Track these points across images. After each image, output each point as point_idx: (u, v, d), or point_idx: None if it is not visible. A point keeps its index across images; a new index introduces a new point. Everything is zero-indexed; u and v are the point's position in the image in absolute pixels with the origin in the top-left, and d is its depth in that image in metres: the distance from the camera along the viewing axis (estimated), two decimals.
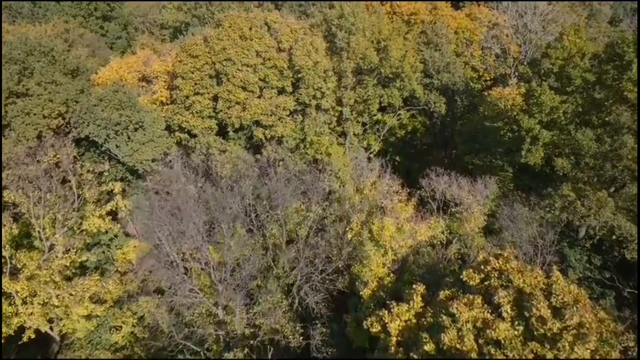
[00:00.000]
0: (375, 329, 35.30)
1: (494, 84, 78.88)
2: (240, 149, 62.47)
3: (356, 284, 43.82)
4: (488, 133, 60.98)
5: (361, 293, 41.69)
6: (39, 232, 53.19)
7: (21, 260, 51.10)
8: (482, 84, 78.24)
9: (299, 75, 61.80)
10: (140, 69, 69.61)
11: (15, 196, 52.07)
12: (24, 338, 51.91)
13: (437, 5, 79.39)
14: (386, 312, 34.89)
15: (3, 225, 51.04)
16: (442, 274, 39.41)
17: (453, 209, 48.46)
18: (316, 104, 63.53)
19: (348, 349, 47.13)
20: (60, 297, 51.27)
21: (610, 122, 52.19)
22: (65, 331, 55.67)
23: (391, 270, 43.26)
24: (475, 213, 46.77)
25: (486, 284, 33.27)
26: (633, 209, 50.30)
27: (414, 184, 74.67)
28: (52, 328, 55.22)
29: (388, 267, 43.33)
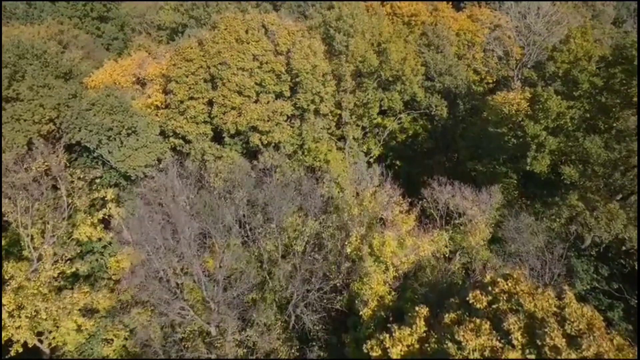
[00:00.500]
0: (376, 353, 32.72)
1: (496, 87, 76.47)
2: (237, 155, 59.91)
3: (356, 303, 41.22)
4: (492, 138, 58.41)
5: (361, 313, 39.09)
6: (27, 242, 50.72)
7: (8, 272, 48.70)
8: (485, 86, 75.62)
9: (296, 79, 59.22)
10: (134, 72, 66.94)
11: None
12: (11, 352, 49.40)
13: (438, 7, 76.77)
14: (387, 335, 32.33)
15: None
16: (446, 292, 36.84)
17: (457, 220, 45.79)
18: (314, 108, 60.98)
19: None
20: (48, 311, 48.71)
21: (618, 128, 49.70)
22: (55, 344, 53.14)
23: (392, 287, 40.70)
24: (480, 225, 44.17)
25: (494, 307, 30.72)
26: None
27: (414, 188, 72.02)
28: (41, 341, 52.67)
29: (389, 284, 40.76)
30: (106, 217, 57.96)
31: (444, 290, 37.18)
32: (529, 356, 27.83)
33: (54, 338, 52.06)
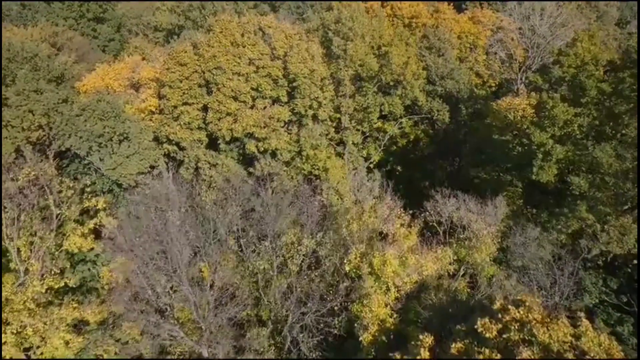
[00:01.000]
0: None
1: (499, 90, 73.87)
2: (232, 163, 57.17)
3: (355, 326, 38.54)
4: (496, 145, 55.68)
5: (361, 338, 36.43)
6: (14, 255, 48.08)
7: None
8: (487, 90, 72.88)
9: (294, 84, 56.45)
10: (128, 76, 64.25)
11: None
12: None
13: (439, 8, 74.00)
14: None
15: None
16: (452, 316, 34.15)
17: (461, 234, 43.06)
18: (313, 114, 58.22)
19: None
20: (34, 327, 46.09)
21: (629, 135, 47.00)
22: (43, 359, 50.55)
23: (394, 309, 38.00)
24: (486, 240, 41.47)
25: (505, 337, 28.06)
26: None
27: (416, 194, 69.47)
28: (28, 357, 50.05)
29: (390, 306, 38.07)
30: (97, 226, 55.28)
31: (449, 315, 34.50)
32: None
33: (42, 354, 49.43)
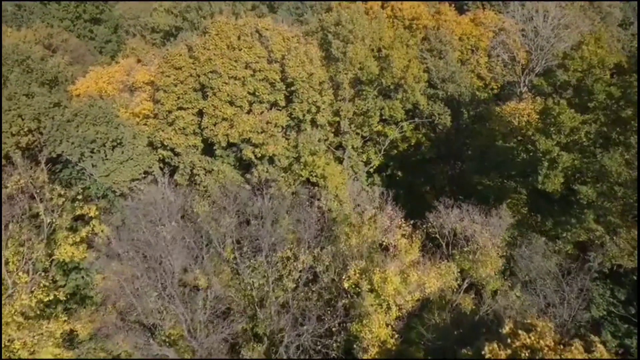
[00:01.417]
0: None
1: (501, 93, 71.71)
2: (229, 169, 55.02)
3: (355, 347, 36.38)
4: (499, 151, 53.50)
5: None
6: (2, 266, 46.05)
7: None
8: (489, 92, 70.67)
9: (292, 88, 54.30)
10: (122, 79, 62.01)
11: None
12: None
13: (440, 10, 71.74)
14: None
15: None
16: (457, 338, 32.04)
17: (465, 247, 40.85)
18: (311, 118, 56.07)
19: None
20: (21, 341, 44.02)
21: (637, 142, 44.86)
22: None
23: (395, 329, 35.85)
24: (491, 253, 39.29)
25: None
26: None
27: (417, 200, 67.55)
28: None
29: (392, 326, 35.92)
30: (90, 235, 53.17)
31: (453, 336, 32.37)
32: None
33: None
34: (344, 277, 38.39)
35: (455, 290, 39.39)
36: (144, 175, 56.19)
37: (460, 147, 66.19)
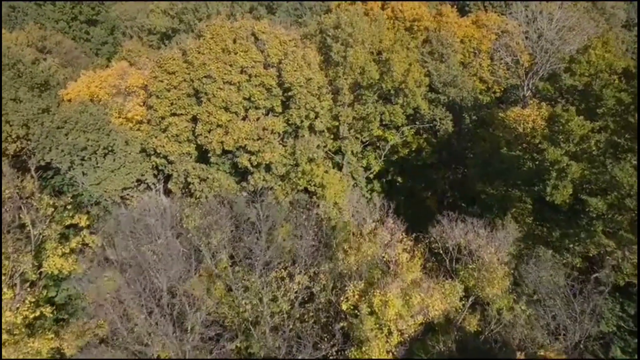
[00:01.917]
0: None
1: (504, 96, 69.13)
2: (224, 177, 52.49)
3: None
4: (504, 159, 50.88)
5: None
6: None
7: None
8: (492, 96, 68.06)
9: (289, 93, 51.79)
10: (115, 83, 59.34)
11: None
12: None
13: (442, 12, 69.06)
14: None
15: None
16: None
17: (470, 263, 38.29)
18: (309, 124, 53.55)
19: None
20: None
21: None
22: None
23: (397, 357, 33.38)
24: (498, 273, 36.76)
25: None
26: None
27: (417, 206, 65.08)
28: None
29: (393, 353, 33.47)
30: (80, 245, 50.78)
31: None
32: None
33: None
34: (342, 298, 35.96)
35: (459, 310, 36.92)
36: (136, 184, 53.77)
37: (462, 152, 63.59)
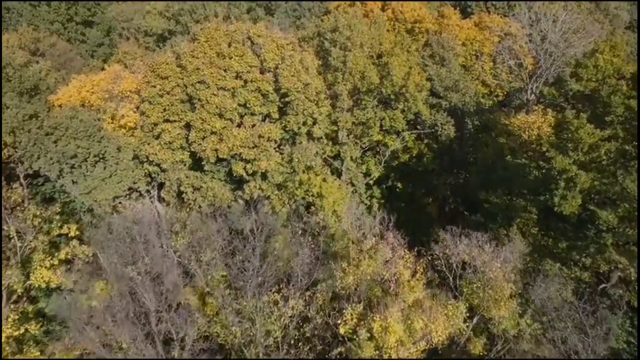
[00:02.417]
0: None
1: (506, 100, 66.74)
2: (218, 185, 50.11)
3: None
4: (508, 166, 48.51)
5: None
6: None
7: None
8: (494, 100, 65.63)
9: (286, 99, 49.39)
10: (107, 88, 56.86)
11: None
12: None
13: (443, 13, 66.56)
14: None
15: None
16: None
17: (474, 281, 35.92)
18: (307, 131, 51.14)
19: None
20: None
21: None
22: None
23: None
24: (504, 293, 34.39)
25: None
26: None
27: (418, 211, 62.79)
28: None
29: None
30: (69, 257, 48.44)
31: None
32: None
33: None
34: (339, 321, 33.63)
35: (463, 331, 34.61)
36: (128, 192, 51.39)
37: (464, 157, 61.24)
